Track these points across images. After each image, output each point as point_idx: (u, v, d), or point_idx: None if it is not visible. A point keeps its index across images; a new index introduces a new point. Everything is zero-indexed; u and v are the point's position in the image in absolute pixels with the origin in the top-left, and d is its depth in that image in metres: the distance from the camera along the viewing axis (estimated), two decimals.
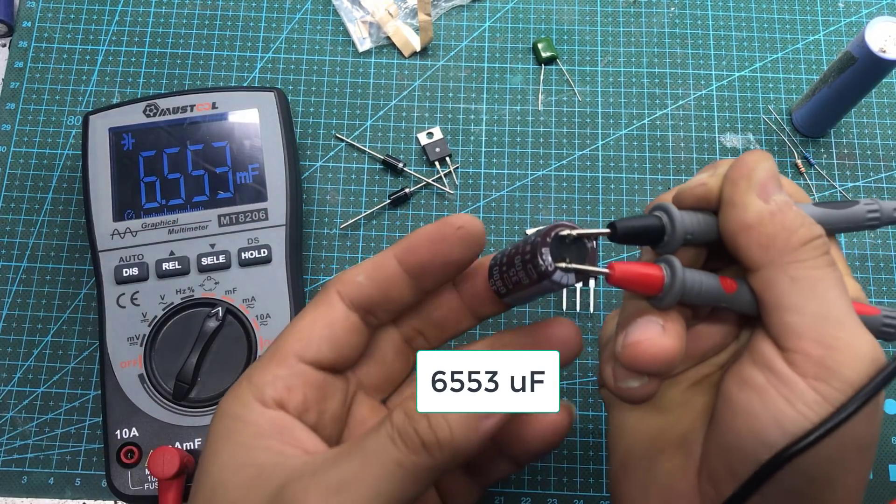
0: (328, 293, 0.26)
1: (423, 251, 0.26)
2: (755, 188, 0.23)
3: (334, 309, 0.26)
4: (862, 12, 0.50)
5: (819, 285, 0.22)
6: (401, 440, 0.22)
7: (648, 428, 0.27)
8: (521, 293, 0.25)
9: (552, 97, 0.48)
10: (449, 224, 0.26)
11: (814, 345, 0.22)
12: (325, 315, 0.26)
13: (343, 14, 0.49)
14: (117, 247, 0.40)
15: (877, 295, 0.44)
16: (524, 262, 0.24)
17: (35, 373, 0.42)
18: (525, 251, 0.24)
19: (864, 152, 0.47)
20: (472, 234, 0.26)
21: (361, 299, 0.26)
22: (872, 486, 0.41)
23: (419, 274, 0.26)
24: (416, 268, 0.26)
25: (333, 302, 0.26)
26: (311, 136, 0.47)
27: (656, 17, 0.50)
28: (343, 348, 0.26)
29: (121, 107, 0.42)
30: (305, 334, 0.26)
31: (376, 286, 0.26)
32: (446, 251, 0.26)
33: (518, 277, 0.24)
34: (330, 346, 0.26)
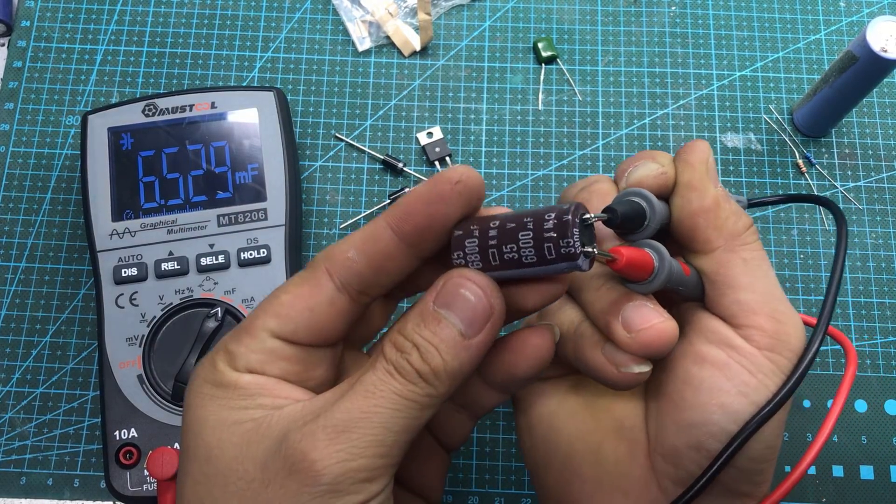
0: (316, 270, 0.24)
1: (419, 215, 0.23)
2: (711, 173, 0.25)
3: (321, 290, 0.24)
4: (863, 12, 0.50)
5: (763, 266, 0.25)
6: (397, 373, 0.22)
7: (583, 422, 0.28)
8: (512, 272, 0.23)
9: (552, 97, 0.48)
10: (445, 180, 0.23)
11: (767, 320, 0.24)
12: (308, 295, 0.24)
13: (343, 13, 0.49)
14: (116, 247, 0.40)
15: (878, 295, 0.44)
16: (540, 240, 0.22)
17: (34, 373, 0.42)
18: (542, 228, 0.21)
19: (865, 152, 0.47)
20: (471, 189, 0.23)
21: (353, 279, 0.24)
22: (873, 487, 0.41)
23: (417, 241, 0.24)
24: (414, 235, 0.23)
25: (321, 281, 0.24)
26: (311, 135, 0.47)
27: (657, 16, 0.50)
28: (324, 331, 0.24)
29: (120, 106, 0.42)
30: (284, 311, 0.24)
31: (369, 262, 0.24)
32: (445, 211, 0.23)
33: (521, 255, 0.22)
34: (308, 329, 0.24)
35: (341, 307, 0.24)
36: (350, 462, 0.21)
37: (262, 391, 0.23)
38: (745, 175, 0.46)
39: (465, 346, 0.22)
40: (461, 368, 0.22)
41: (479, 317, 0.22)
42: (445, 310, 0.22)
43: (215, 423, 0.22)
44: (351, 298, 0.24)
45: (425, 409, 0.22)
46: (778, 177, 0.46)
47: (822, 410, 0.42)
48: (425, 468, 0.28)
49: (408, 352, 0.22)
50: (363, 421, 0.21)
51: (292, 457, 0.21)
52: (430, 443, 0.29)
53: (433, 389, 0.22)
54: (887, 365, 0.43)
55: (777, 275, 0.44)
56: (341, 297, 0.24)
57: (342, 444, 0.21)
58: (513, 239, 0.22)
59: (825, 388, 0.42)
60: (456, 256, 0.23)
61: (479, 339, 0.22)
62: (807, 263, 0.44)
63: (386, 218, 0.24)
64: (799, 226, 0.45)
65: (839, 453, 0.41)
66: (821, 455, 0.41)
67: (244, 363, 0.23)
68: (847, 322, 0.43)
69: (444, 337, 0.22)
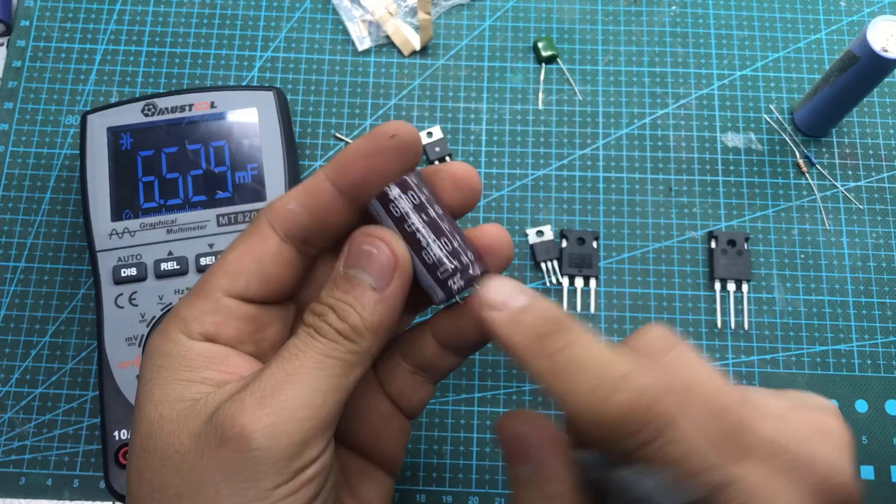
0: (259, 224, 0.25)
1: (357, 168, 0.24)
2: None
3: (265, 242, 0.24)
4: (864, 11, 0.50)
5: None
6: (318, 334, 0.23)
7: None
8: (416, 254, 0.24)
9: (553, 96, 0.48)
10: (381, 133, 0.24)
11: None
12: (254, 248, 0.24)
13: (342, 13, 0.49)
14: (115, 247, 0.40)
15: (878, 295, 0.44)
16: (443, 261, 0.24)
17: (33, 373, 0.42)
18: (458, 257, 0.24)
19: (865, 152, 0.47)
20: (407, 143, 0.24)
21: (296, 230, 0.24)
22: (874, 487, 0.40)
23: (356, 193, 0.24)
24: (352, 187, 0.24)
25: (265, 234, 0.24)
26: (311, 135, 0.46)
27: (657, 15, 0.50)
28: (274, 283, 0.25)
29: (119, 106, 0.42)
30: (233, 268, 0.24)
31: (311, 214, 0.24)
32: (383, 164, 0.24)
33: (424, 251, 0.24)
34: (259, 282, 0.24)
35: (288, 258, 0.25)
36: (280, 425, 0.21)
37: (210, 363, 0.23)
38: (745, 175, 0.46)
39: (380, 299, 0.23)
40: (380, 321, 0.23)
41: (387, 268, 0.23)
42: (354, 269, 0.23)
43: (158, 399, 0.23)
44: (296, 250, 0.25)
45: (352, 367, 0.23)
46: (778, 177, 0.46)
47: None
48: (383, 435, 0.28)
49: (324, 314, 0.23)
50: (288, 383, 0.22)
51: (222, 425, 0.21)
52: (388, 408, 0.28)
53: (355, 346, 0.23)
54: (888, 365, 0.43)
55: (777, 275, 0.44)
56: (286, 247, 0.25)
57: (269, 407, 0.21)
58: (433, 233, 0.24)
59: (825, 388, 0.42)
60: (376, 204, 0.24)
61: (391, 288, 0.23)
62: (807, 263, 0.44)
63: (325, 171, 0.25)
64: (799, 226, 0.45)
65: None
66: None
67: (198, 328, 0.24)
68: (847, 322, 0.43)
69: (358, 294, 0.23)
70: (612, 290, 0.44)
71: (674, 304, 0.44)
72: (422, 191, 0.24)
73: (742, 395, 0.22)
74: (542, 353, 0.21)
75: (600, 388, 0.20)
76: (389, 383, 0.28)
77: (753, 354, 0.43)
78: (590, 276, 0.44)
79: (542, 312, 0.22)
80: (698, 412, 0.21)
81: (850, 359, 0.43)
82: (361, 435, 0.27)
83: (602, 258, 0.44)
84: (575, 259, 0.44)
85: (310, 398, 0.22)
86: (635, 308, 0.44)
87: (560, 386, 0.21)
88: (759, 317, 0.43)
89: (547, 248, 0.44)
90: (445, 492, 0.41)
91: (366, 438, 0.28)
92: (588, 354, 0.21)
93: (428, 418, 0.42)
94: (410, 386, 0.28)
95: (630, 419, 0.20)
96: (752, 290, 0.44)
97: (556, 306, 0.22)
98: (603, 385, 0.20)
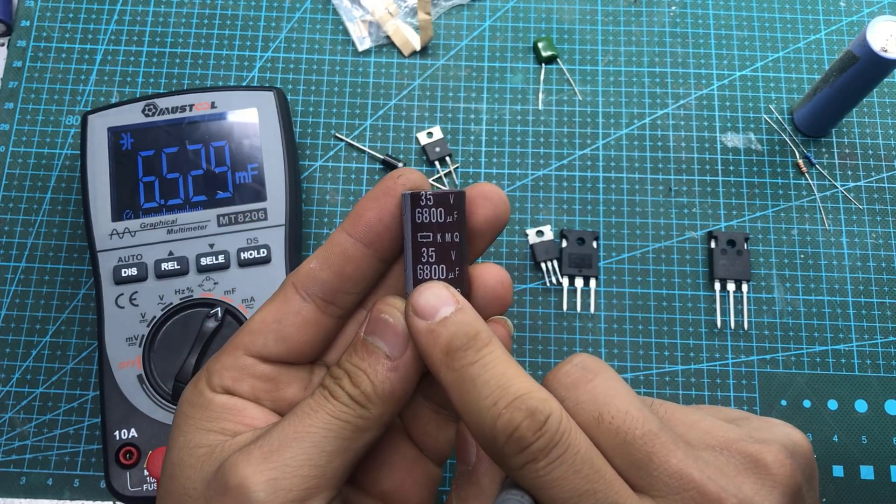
0: (284, 286, 0.26)
1: (369, 213, 0.25)
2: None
3: (287, 302, 0.25)
4: (863, 11, 0.50)
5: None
6: (331, 396, 0.23)
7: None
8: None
9: (552, 96, 0.48)
10: (388, 177, 0.25)
11: None
12: (276, 309, 0.25)
13: (342, 13, 0.49)
14: (116, 247, 0.40)
15: (878, 295, 0.44)
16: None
17: (34, 373, 0.42)
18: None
19: (865, 152, 0.47)
20: (414, 182, 0.25)
21: (316, 287, 0.25)
22: (873, 487, 0.41)
23: (372, 238, 0.25)
24: (367, 232, 0.25)
25: (288, 295, 0.25)
26: (311, 135, 0.46)
27: (657, 16, 0.50)
28: (293, 342, 0.25)
29: (119, 106, 0.42)
30: (255, 327, 0.25)
31: (330, 267, 0.25)
32: (393, 205, 0.25)
33: (424, 276, 0.24)
34: (276, 341, 0.25)
35: (309, 318, 0.25)
36: (280, 480, 0.22)
37: (228, 414, 0.24)
38: (745, 175, 0.46)
39: (392, 367, 0.23)
40: (392, 389, 0.23)
41: (401, 337, 0.23)
42: (372, 336, 0.24)
43: (182, 444, 0.24)
44: (319, 309, 0.25)
45: (362, 431, 0.23)
46: (778, 177, 0.46)
47: (822, 410, 0.42)
48: (408, 482, 0.28)
49: (340, 378, 0.24)
50: (295, 441, 0.22)
51: (226, 475, 0.22)
52: (413, 454, 0.28)
53: (366, 412, 0.23)
54: (887, 365, 0.43)
55: (777, 275, 0.44)
56: (308, 307, 0.25)
57: (273, 462, 0.22)
58: (439, 253, 0.24)
59: (825, 388, 0.42)
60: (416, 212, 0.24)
61: (405, 358, 0.23)
62: (807, 263, 0.44)
63: (342, 224, 0.25)
64: (799, 226, 0.45)
65: (839, 453, 0.41)
66: (821, 455, 0.41)
67: (219, 381, 0.25)
68: (847, 322, 0.43)
69: (372, 361, 0.23)
70: (612, 290, 0.44)
71: (673, 304, 0.44)
72: (452, 213, 0.24)
73: (655, 428, 0.22)
74: (450, 367, 0.22)
75: (496, 405, 0.21)
76: (413, 426, 0.28)
77: (753, 354, 0.43)
78: (590, 276, 0.44)
79: (459, 327, 0.22)
80: (605, 441, 0.22)
81: (849, 359, 0.43)
82: (385, 483, 0.27)
83: (602, 258, 0.44)
84: (575, 259, 0.44)
85: (315, 457, 0.22)
86: (635, 308, 0.44)
87: (460, 399, 0.22)
88: (758, 317, 0.43)
89: (547, 248, 0.44)
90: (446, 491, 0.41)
91: (390, 486, 0.27)
92: (492, 373, 0.21)
93: None
94: (434, 425, 0.28)
95: (520, 437, 0.20)
96: (752, 290, 0.44)
97: (477, 320, 0.23)
98: (499, 402, 0.21)
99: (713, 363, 0.43)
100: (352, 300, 0.26)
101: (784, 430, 0.23)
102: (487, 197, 0.25)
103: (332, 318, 0.25)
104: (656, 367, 0.42)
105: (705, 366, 0.43)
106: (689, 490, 0.21)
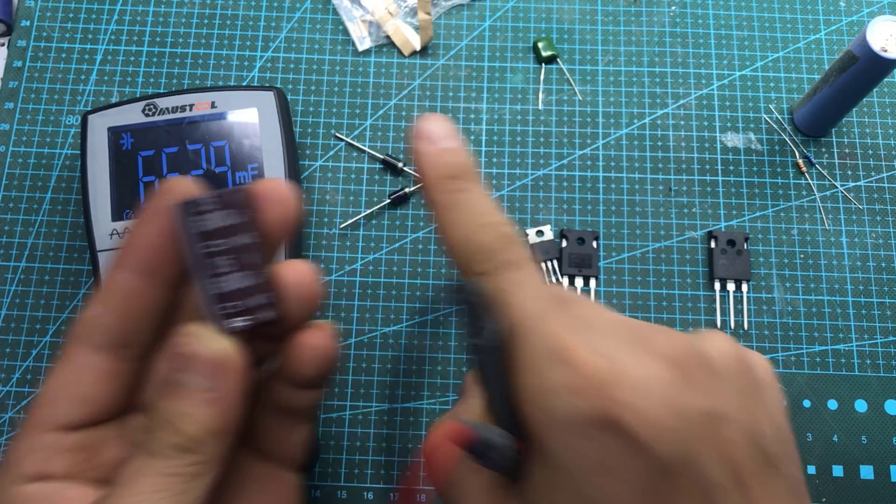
0: (69, 343, 0.23)
1: (142, 240, 0.22)
2: None
3: (76, 360, 0.22)
4: (863, 11, 0.50)
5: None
6: (155, 454, 0.21)
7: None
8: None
9: (552, 96, 0.48)
10: (157, 195, 0.22)
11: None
12: (68, 371, 0.22)
13: (342, 13, 0.49)
14: (116, 246, 0.40)
15: (877, 295, 0.44)
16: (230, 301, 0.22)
17: (34, 373, 0.42)
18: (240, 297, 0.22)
19: (865, 152, 0.47)
20: (185, 192, 0.22)
21: (102, 335, 0.22)
22: (873, 487, 0.41)
23: (152, 267, 0.22)
24: (145, 262, 0.22)
25: (74, 352, 0.22)
26: (311, 135, 0.47)
27: (657, 15, 0.50)
28: (97, 402, 0.22)
29: (120, 106, 0.42)
30: (50, 397, 0.22)
31: (113, 310, 0.22)
32: (167, 223, 0.22)
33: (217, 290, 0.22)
34: (77, 405, 0.22)
35: (107, 369, 0.22)
36: None
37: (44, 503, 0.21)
38: (745, 175, 0.46)
39: (212, 400, 0.21)
40: (223, 422, 0.21)
41: (211, 366, 0.21)
42: (179, 373, 0.21)
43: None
44: (114, 357, 0.22)
45: (199, 477, 0.21)
46: (778, 176, 0.46)
47: (822, 410, 0.42)
48: (268, 500, 0.26)
49: (156, 429, 0.21)
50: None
51: None
52: (266, 471, 0.26)
53: (199, 456, 0.21)
54: (887, 365, 0.43)
55: (777, 275, 0.44)
56: (101, 359, 0.22)
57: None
58: (230, 260, 0.22)
59: (825, 388, 0.42)
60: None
61: (221, 386, 0.21)
62: (807, 263, 0.44)
63: (116, 259, 0.23)
64: (799, 226, 0.45)
65: (839, 453, 0.41)
66: (821, 455, 0.41)
67: (28, 468, 0.22)
68: (847, 322, 0.43)
69: (187, 401, 0.21)
70: (612, 290, 0.44)
71: (673, 304, 0.44)
72: (237, 214, 0.22)
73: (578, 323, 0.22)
74: (444, 189, 0.24)
75: (474, 225, 0.24)
76: (261, 439, 0.26)
77: None
78: (589, 275, 0.44)
79: (458, 158, 0.25)
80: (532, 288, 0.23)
81: (849, 358, 0.43)
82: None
83: (602, 258, 0.44)
84: (575, 259, 0.44)
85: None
86: (635, 308, 0.44)
87: (446, 217, 0.24)
88: (758, 316, 0.43)
89: (547, 248, 0.44)
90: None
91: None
92: (476, 202, 0.24)
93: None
94: (283, 430, 0.26)
95: (487, 250, 0.23)
96: (752, 289, 0.44)
97: (469, 158, 0.25)
98: (477, 223, 0.24)
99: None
100: (149, 337, 0.23)
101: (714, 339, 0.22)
102: (270, 196, 0.23)
103: (131, 361, 0.23)
104: None
105: None
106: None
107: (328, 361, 0.25)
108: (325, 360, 0.25)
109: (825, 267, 0.44)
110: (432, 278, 0.44)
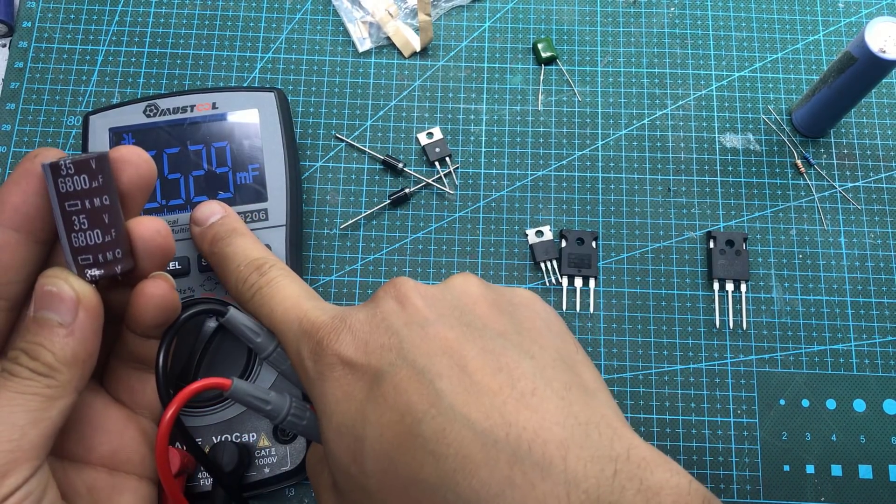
0: None
1: (13, 197, 0.25)
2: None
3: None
4: (862, 12, 0.50)
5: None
6: (12, 376, 0.24)
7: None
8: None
9: (552, 97, 0.48)
10: (27, 158, 0.25)
11: None
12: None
13: (343, 14, 0.49)
14: None
15: (876, 295, 0.44)
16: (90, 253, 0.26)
17: None
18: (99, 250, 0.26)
19: (863, 152, 0.47)
20: (54, 158, 0.25)
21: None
22: (873, 487, 0.41)
23: (20, 222, 0.25)
24: (14, 217, 0.25)
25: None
26: (311, 136, 0.47)
27: (656, 17, 0.50)
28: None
29: (121, 107, 0.42)
30: None
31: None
32: (36, 184, 0.25)
33: (79, 243, 0.26)
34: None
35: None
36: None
37: None
38: (743, 175, 0.46)
39: (68, 333, 0.24)
40: (74, 353, 0.25)
41: (69, 303, 0.25)
42: (41, 311, 0.24)
43: None
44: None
45: (53, 400, 0.24)
46: (777, 177, 0.46)
47: (821, 410, 0.42)
48: (125, 442, 0.29)
49: (16, 357, 0.24)
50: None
51: None
52: (121, 414, 0.30)
53: (52, 380, 0.24)
54: (886, 365, 0.43)
55: (775, 275, 0.44)
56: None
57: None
58: (91, 219, 0.25)
59: (824, 388, 0.42)
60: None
61: (79, 322, 0.25)
62: (805, 264, 0.45)
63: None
64: (797, 226, 0.45)
65: (838, 453, 0.41)
66: (820, 454, 0.41)
67: None
68: (846, 322, 0.44)
69: (47, 333, 0.24)
70: (612, 290, 0.44)
71: (672, 304, 0.44)
72: (97, 177, 0.25)
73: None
74: (212, 251, 0.34)
75: (238, 266, 0.32)
76: (116, 388, 0.30)
77: (752, 354, 0.43)
78: (589, 276, 0.44)
79: (221, 226, 0.34)
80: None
81: (848, 358, 0.43)
82: (101, 448, 0.28)
83: (601, 258, 0.45)
84: (574, 259, 0.44)
85: (6, 433, 0.23)
86: (634, 308, 0.44)
87: (219, 269, 0.34)
88: (757, 316, 0.44)
89: (546, 248, 0.44)
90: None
91: (107, 450, 0.28)
92: (238, 251, 0.33)
93: None
94: (136, 380, 0.30)
95: (247, 277, 0.32)
96: (751, 289, 0.44)
97: (236, 221, 0.35)
98: (242, 264, 0.32)
99: (712, 363, 0.43)
100: (18, 289, 0.26)
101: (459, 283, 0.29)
102: (127, 159, 0.27)
103: (3, 312, 0.26)
104: (655, 367, 0.43)
105: (704, 365, 0.43)
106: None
107: (165, 311, 0.29)
108: (163, 309, 0.29)
109: (824, 267, 0.45)
110: (432, 279, 0.44)
